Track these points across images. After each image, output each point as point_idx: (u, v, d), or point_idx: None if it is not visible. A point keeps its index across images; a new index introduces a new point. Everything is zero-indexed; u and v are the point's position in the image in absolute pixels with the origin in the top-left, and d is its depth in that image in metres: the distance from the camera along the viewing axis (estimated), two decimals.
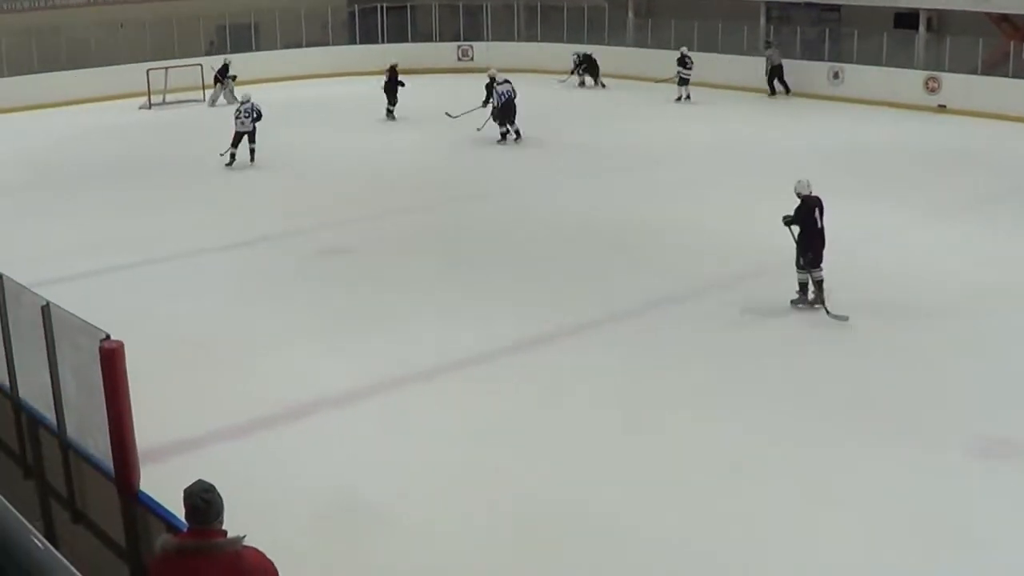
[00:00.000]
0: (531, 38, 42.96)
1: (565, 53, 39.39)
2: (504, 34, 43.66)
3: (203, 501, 5.64)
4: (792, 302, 15.24)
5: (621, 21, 41.93)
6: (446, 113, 30.05)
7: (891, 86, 33.00)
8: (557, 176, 24.17)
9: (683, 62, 35.31)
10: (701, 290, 16.39)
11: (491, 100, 28.55)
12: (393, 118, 31.61)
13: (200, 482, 5.80)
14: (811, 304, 15.13)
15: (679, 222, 20.01)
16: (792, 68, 35.53)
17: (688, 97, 35.01)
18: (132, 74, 35.39)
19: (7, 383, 9.37)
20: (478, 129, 28.73)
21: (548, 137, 28.43)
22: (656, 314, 15.38)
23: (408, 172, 24.95)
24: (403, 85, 31.58)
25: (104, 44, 37.25)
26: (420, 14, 44.58)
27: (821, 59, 35.52)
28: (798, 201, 14.96)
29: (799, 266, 15.11)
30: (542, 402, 12.35)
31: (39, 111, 34.54)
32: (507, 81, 28.13)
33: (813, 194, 14.99)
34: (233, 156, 25.60)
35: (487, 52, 42.35)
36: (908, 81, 32.94)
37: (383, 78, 31.76)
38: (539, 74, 38.29)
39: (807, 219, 14.90)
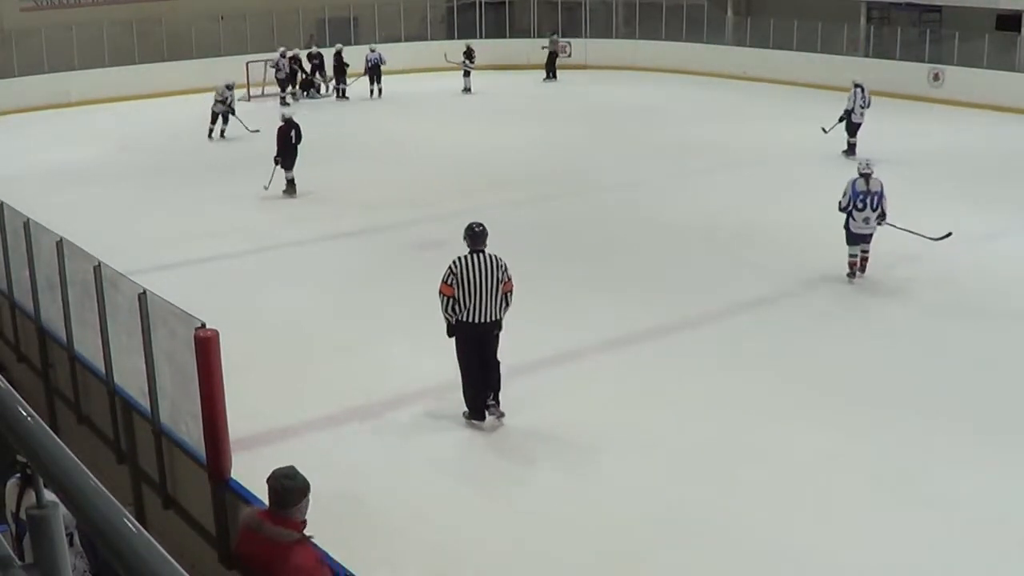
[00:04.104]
0: (629, 35, 42.81)
1: (663, 51, 39.09)
2: (602, 31, 43.53)
3: (281, 486, 5.76)
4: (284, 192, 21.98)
5: (720, 19, 41.66)
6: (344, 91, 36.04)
7: (992, 89, 32.38)
8: (653, 173, 24.03)
9: (469, 55, 37.57)
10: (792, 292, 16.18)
11: (365, 65, 35.73)
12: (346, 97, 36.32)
13: (285, 467, 5.90)
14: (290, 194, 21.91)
15: (780, 223, 19.68)
16: (891, 69, 34.96)
17: (471, 89, 37.10)
18: (232, 66, 35.80)
19: (103, 369, 9.52)
20: (344, 93, 35.82)
21: (645, 136, 28.36)
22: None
23: (508, 166, 24.91)
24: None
25: (205, 36, 37.76)
26: (518, 10, 44.68)
27: (921, 60, 34.93)
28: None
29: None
30: (636, 403, 12.19)
31: (140, 101, 35.21)
32: (373, 51, 35.96)
33: (295, 121, 22.19)
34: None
35: (585, 49, 42.28)
36: (1010, 84, 32.32)
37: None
38: (637, 71, 38.15)
39: (288, 136, 22.01)
